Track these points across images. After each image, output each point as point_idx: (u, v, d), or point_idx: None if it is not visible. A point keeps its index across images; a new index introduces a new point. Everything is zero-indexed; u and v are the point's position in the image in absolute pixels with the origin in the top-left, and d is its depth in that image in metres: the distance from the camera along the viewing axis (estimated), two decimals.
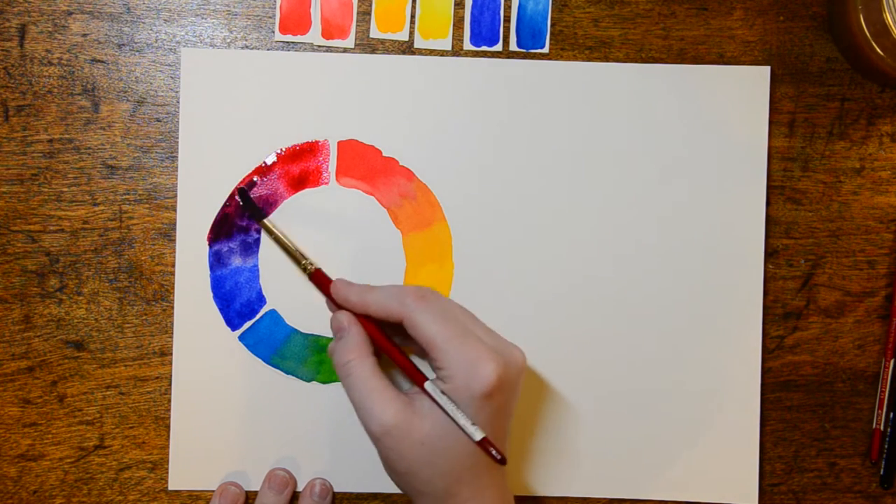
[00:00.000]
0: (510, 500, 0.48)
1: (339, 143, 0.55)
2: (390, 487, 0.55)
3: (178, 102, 0.55)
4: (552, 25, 0.56)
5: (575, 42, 0.56)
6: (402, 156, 0.55)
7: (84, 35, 0.55)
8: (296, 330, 0.55)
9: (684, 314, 0.55)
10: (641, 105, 0.55)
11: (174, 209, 0.55)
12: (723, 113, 0.55)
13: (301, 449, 0.55)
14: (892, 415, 0.55)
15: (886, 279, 0.56)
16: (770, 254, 0.56)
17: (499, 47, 0.56)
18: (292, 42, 0.55)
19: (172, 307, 0.55)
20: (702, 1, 0.56)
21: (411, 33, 0.56)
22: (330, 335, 0.55)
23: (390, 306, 0.47)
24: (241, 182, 0.55)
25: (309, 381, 0.55)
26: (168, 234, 0.55)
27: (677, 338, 0.55)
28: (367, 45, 0.56)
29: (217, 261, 0.55)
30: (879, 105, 0.56)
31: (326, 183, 0.55)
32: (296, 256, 0.52)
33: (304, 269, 0.52)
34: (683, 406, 0.55)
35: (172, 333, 0.55)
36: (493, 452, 0.44)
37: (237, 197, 0.54)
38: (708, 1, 0.56)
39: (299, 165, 0.55)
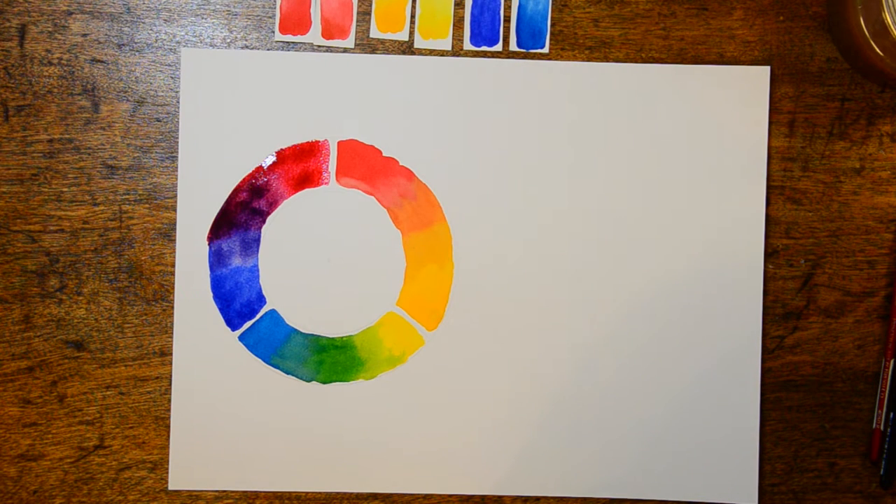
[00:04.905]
0: None
1: (339, 143, 0.55)
2: (390, 487, 0.55)
3: (178, 102, 0.55)
4: (552, 25, 0.56)
5: (575, 42, 0.56)
6: (402, 156, 0.55)
7: (84, 35, 0.55)
8: (296, 330, 0.55)
9: (684, 314, 0.55)
10: (641, 105, 0.55)
11: (174, 209, 0.55)
12: (723, 113, 0.55)
13: (301, 449, 0.55)
14: (892, 415, 0.55)
15: (886, 279, 0.56)
16: (770, 254, 0.56)
17: (499, 47, 0.55)
18: (292, 42, 0.55)
19: (172, 307, 0.55)
20: (702, 1, 0.56)
21: (411, 33, 0.56)
22: (330, 335, 0.55)
23: None
24: (242, 182, 0.55)
25: (309, 381, 0.55)
26: (168, 234, 0.55)
27: (677, 338, 0.55)
28: (367, 45, 0.56)
29: (217, 261, 0.55)
30: (879, 105, 0.56)
31: (326, 183, 0.55)
32: None
33: None
34: (683, 406, 0.55)
35: (172, 333, 0.55)
36: None
37: None
38: (708, 1, 0.56)
39: (299, 165, 0.55)
